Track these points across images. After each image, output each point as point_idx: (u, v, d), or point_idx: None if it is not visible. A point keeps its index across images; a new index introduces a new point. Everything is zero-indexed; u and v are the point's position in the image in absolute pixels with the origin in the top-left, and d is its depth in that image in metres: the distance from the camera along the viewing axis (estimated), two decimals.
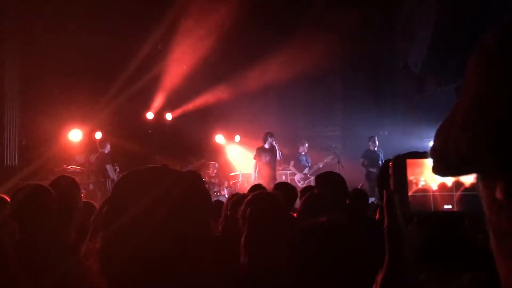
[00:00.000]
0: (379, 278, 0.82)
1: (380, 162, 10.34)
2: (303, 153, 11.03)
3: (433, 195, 0.84)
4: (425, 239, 0.95)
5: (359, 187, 7.77)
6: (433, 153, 0.62)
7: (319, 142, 12.07)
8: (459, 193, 0.83)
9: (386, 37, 12.53)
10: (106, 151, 9.75)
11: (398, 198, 0.82)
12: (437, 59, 10.15)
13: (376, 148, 10.71)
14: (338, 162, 10.73)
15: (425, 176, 0.85)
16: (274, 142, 9.82)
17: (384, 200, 0.81)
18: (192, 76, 12.19)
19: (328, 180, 3.56)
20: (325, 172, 3.92)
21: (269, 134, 9.89)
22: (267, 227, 2.01)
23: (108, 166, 9.54)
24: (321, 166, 10.80)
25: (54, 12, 10.02)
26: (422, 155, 0.85)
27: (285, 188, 3.97)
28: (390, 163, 0.89)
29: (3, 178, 8.61)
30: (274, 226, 2.02)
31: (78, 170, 10.36)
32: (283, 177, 10.95)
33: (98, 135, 11.26)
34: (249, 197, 2.24)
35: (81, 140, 10.89)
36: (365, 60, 12.80)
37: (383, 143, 11.14)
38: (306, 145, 11.04)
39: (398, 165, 0.87)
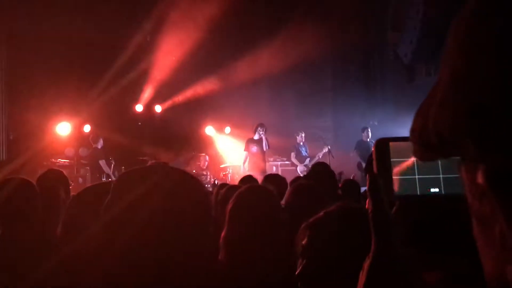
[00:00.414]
0: (365, 265, 0.79)
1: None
2: (301, 143, 11.02)
3: (418, 178, 0.81)
4: (410, 224, 0.92)
5: (351, 177, 7.78)
6: (412, 134, 0.58)
7: (309, 133, 12.05)
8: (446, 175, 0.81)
9: (376, 27, 12.50)
10: (99, 146, 9.69)
11: (382, 182, 0.79)
12: (427, 48, 10.13)
13: (368, 139, 10.75)
14: (329, 152, 10.73)
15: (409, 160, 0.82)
16: (261, 133, 9.81)
17: (367, 185, 0.78)
18: (181, 68, 12.09)
19: (318, 171, 3.54)
20: (315, 163, 3.92)
21: (259, 125, 9.90)
22: (248, 225, 1.95)
23: (101, 162, 9.50)
24: (320, 156, 10.77)
25: (41, 4, 9.87)
26: (405, 138, 0.82)
27: (275, 180, 3.95)
28: (373, 147, 0.87)
29: None
30: (258, 224, 1.96)
31: (66, 163, 10.27)
32: (274, 169, 10.93)
33: (87, 128, 11.17)
34: (237, 192, 2.18)
35: (70, 134, 10.79)
36: (355, 50, 12.78)
37: (374, 133, 11.16)
38: (303, 134, 11.01)
39: (381, 149, 0.85)
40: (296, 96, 13.05)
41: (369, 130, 10.83)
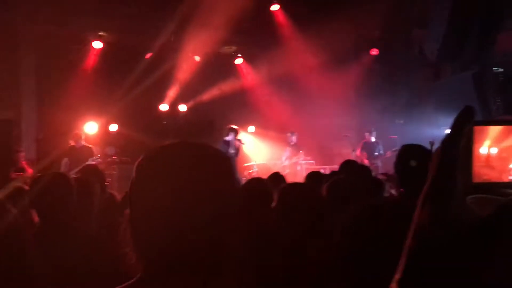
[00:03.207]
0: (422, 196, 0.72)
1: (376, 153, 10.41)
2: (291, 143, 11.13)
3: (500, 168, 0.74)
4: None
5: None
6: None
7: (333, 131, 11.99)
8: None
9: (402, 24, 12.34)
10: (78, 146, 9.13)
11: (461, 166, 0.72)
12: (454, 46, 9.96)
13: (373, 140, 10.73)
14: (354, 150, 10.68)
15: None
16: (231, 138, 9.55)
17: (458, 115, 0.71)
18: (205, 67, 12.18)
19: (351, 167, 3.56)
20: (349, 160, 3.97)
21: (229, 130, 9.65)
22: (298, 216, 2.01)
23: (64, 159, 8.96)
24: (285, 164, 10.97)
25: (68, 6, 10.07)
26: (490, 122, 0.75)
27: (315, 177, 4.01)
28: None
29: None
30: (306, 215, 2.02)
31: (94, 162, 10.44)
32: (298, 167, 10.91)
33: (114, 127, 11.37)
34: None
35: (97, 133, 10.98)
36: (380, 48, 12.65)
37: (399, 132, 11.04)
38: (292, 136, 11.08)
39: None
40: (320, 94, 12.98)
41: (373, 130, 10.80)
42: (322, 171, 10.22)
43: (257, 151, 12.24)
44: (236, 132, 9.58)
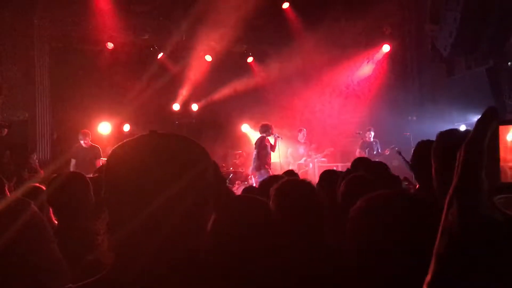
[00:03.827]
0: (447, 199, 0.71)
1: (374, 152, 10.39)
2: (302, 141, 11.00)
3: None
4: None
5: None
6: None
7: (346, 128, 11.94)
8: None
9: (414, 19, 12.25)
10: (84, 145, 9.11)
11: (487, 166, 0.71)
12: (467, 41, 9.85)
13: (371, 139, 10.69)
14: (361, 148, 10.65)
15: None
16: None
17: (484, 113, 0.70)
18: (217, 66, 12.20)
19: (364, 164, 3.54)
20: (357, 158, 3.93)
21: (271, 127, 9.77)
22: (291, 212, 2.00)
23: (72, 161, 8.97)
24: (321, 157, 10.85)
25: (82, 7, 10.17)
26: None
27: (330, 175, 3.97)
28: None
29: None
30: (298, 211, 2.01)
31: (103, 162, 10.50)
32: (310, 165, 10.87)
33: (126, 127, 11.45)
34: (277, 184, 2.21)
35: (110, 133, 11.06)
36: (392, 44, 12.56)
37: (412, 128, 10.96)
38: (304, 132, 10.98)
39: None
40: (332, 91, 12.94)
41: (372, 130, 10.75)
42: (334, 168, 10.27)
43: None
44: (271, 127, 9.74)
